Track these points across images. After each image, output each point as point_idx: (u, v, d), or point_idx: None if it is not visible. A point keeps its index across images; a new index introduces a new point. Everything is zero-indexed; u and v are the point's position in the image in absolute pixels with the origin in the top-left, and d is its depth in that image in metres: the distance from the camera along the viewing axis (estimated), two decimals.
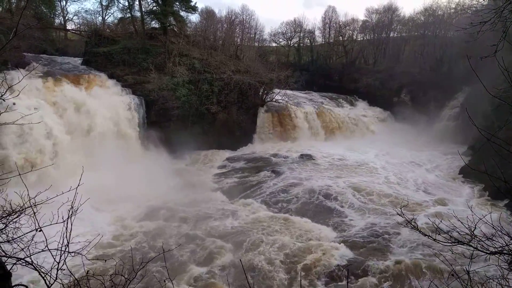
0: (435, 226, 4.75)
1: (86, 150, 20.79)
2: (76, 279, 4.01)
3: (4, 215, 3.77)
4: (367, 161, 27.28)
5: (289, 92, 36.17)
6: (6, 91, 5.12)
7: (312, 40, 52.70)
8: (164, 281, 4.49)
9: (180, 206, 17.54)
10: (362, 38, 51.06)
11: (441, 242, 4.45)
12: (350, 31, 50.78)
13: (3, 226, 3.77)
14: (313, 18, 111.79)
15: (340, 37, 50.61)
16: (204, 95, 28.82)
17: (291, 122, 34.13)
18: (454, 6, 42.40)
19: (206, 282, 11.77)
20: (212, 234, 14.98)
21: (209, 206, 17.88)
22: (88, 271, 4.41)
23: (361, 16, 77.39)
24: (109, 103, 23.89)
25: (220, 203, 18.46)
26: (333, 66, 49.99)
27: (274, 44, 54.12)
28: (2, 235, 3.85)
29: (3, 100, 5.12)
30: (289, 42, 53.04)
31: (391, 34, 48.55)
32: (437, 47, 42.08)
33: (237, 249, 13.90)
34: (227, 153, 28.68)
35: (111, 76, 26.71)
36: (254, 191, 20.80)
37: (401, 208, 6.53)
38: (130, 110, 24.91)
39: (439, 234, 4.53)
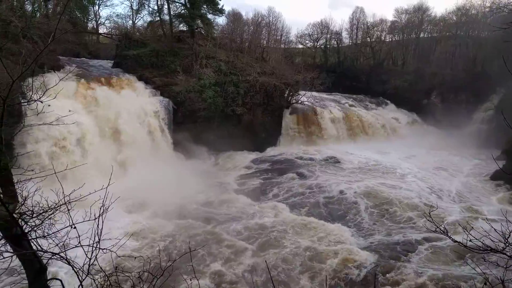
0: (466, 232, 4.59)
1: (115, 150, 21.44)
2: (106, 275, 4.15)
3: (40, 212, 3.95)
4: (394, 164, 26.67)
5: (315, 94, 35.92)
6: (44, 93, 5.38)
7: (339, 42, 52.12)
8: (190, 280, 4.55)
9: (204, 206, 17.76)
10: (390, 39, 50.03)
11: (473, 250, 4.30)
12: (378, 32, 49.90)
13: (40, 222, 3.95)
14: (340, 19, 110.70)
15: (368, 38, 49.80)
16: (230, 97, 29.07)
17: (316, 124, 33.86)
18: (489, 5, 40.84)
19: (229, 282, 11.85)
20: (236, 235, 15.07)
21: (233, 207, 18.01)
22: (117, 267, 4.56)
23: (389, 16, 75.89)
24: (138, 105, 24.54)
25: (243, 205, 18.54)
26: (360, 68, 49.24)
27: (300, 46, 53.93)
28: (38, 231, 4.04)
29: (41, 102, 5.38)
30: (316, 43, 52.68)
31: (421, 35, 47.30)
32: (470, 47, 40.64)
33: (260, 250, 13.92)
34: (252, 155, 28.76)
35: (140, 78, 27.45)
36: (278, 193, 20.75)
37: (429, 213, 6.36)
38: (158, 111, 25.48)
39: (470, 241, 4.37)
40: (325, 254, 13.68)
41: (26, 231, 3.80)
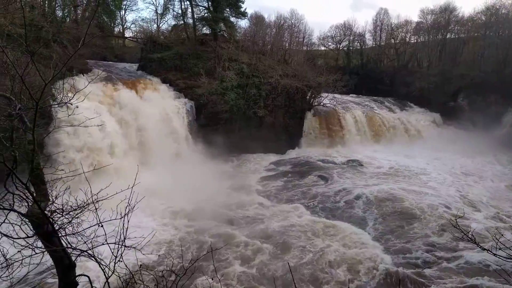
0: (496, 240, 4.45)
1: (139, 150, 21.91)
2: (131, 272, 4.26)
3: (70, 210, 4.10)
4: (418, 168, 26.06)
5: (337, 96, 35.63)
6: (73, 96, 5.59)
7: (362, 43, 51.46)
8: (212, 279, 4.62)
9: (226, 207, 17.88)
10: (415, 40, 48.98)
11: (503, 258, 4.16)
12: (403, 33, 48.94)
13: (69, 220, 4.10)
14: (363, 21, 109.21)
15: (392, 39, 48.93)
16: (251, 99, 29.20)
17: (339, 126, 33.53)
18: None
19: (250, 283, 11.88)
20: (256, 236, 15.07)
21: (254, 209, 18.04)
22: (141, 265, 4.67)
23: (414, 17, 74.27)
24: (161, 107, 25.02)
25: (265, 206, 18.55)
26: (384, 70, 48.43)
27: (322, 48, 53.60)
28: (67, 229, 4.19)
29: (71, 104, 5.58)
30: (338, 45, 52.23)
31: (448, 36, 46.05)
32: (500, 48, 39.23)
33: (281, 252, 13.89)
34: (274, 157, 28.75)
35: (164, 81, 27.98)
36: (299, 195, 20.64)
37: (456, 219, 6.19)
38: (181, 113, 25.91)
39: (500, 249, 4.23)
40: (345, 257, 13.51)
41: (56, 228, 3.96)
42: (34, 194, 3.80)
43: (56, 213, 4.01)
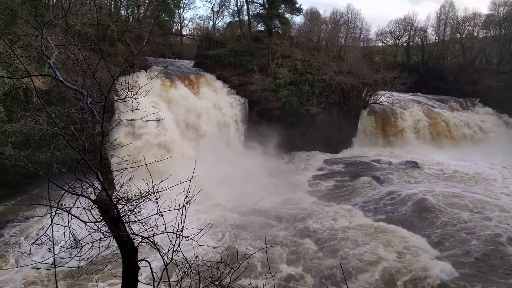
0: None
1: (193, 144, 22.65)
2: (187, 261, 4.41)
3: (134, 199, 4.34)
4: (483, 173, 24.24)
5: (395, 94, 34.00)
6: (137, 91, 5.88)
7: (423, 39, 48.63)
8: (265, 275, 4.65)
9: (276, 204, 17.91)
10: (484, 35, 45.38)
11: None
12: (470, 27, 45.50)
13: (132, 208, 4.34)
14: (425, 15, 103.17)
15: (458, 34, 45.72)
16: (304, 96, 28.88)
17: (395, 126, 32.11)
18: None
19: (298, 282, 11.81)
20: (305, 235, 14.96)
21: (304, 208, 17.85)
22: (197, 256, 4.81)
23: (484, 10, 68.81)
24: (215, 103, 25.66)
25: (315, 206, 18.29)
26: (447, 66, 45.42)
27: (380, 44, 51.46)
28: (130, 216, 4.44)
29: (135, 98, 5.88)
30: (397, 41, 49.83)
31: None
32: None
33: (330, 253, 13.64)
34: (325, 156, 28.24)
35: (218, 78, 28.60)
36: (351, 196, 20.13)
37: None
38: (234, 109, 26.36)
39: None
40: (400, 263, 12.95)
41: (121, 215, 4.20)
42: (102, 182, 4.06)
43: (121, 201, 4.26)
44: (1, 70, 13.06)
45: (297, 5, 33.12)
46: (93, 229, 4.11)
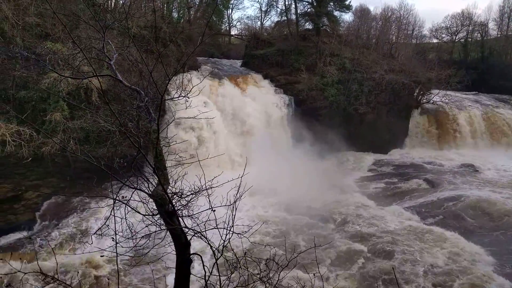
0: None
1: (241, 143, 23.00)
2: (237, 257, 4.51)
3: (188, 194, 4.51)
4: None
5: (450, 93, 32.08)
6: (191, 90, 6.07)
7: (483, 34, 45.43)
8: (314, 275, 4.63)
9: (323, 205, 17.66)
10: None
11: None
12: None
13: (185, 203, 4.51)
14: (486, 7, 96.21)
15: None
16: (353, 95, 28.18)
17: (450, 127, 30.31)
18: None
19: (347, 283, 11.60)
20: (353, 237, 14.64)
21: (352, 209, 17.44)
22: (246, 252, 4.90)
23: None
24: (262, 102, 25.83)
25: (363, 207, 17.80)
26: (511, 63, 42.10)
27: (435, 40, 48.89)
28: (183, 211, 4.62)
29: (188, 97, 6.08)
30: (454, 37, 46.98)
31: None
32: None
33: (379, 257, 13.24)
34: (375, 157, 27.33)
35: (265, 77, 28.75)
36: (402, 199, 19.37)
37: None
38: (281, 109, 26.35)
39: None
40: (454, 271, 12.28)
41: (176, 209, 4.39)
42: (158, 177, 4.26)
43: (176, 196, 4.44)
44: (66, 71, 14.10)
45: (346, 2, 32.42)
46: (150, 221, 4.33)
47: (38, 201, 15.22)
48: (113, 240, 3.86)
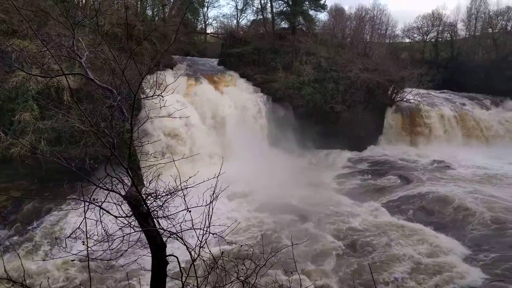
0: None
1: (217, 142, 22.85)
2: (214, 258, 4.46)
3: (163, 195, 4.41)
4: None
5: (422, 91, 33.01)
6: (165, 89, 5.96)
7: (453, 34, 46.97)
8: (291, 273, 4.64)
9: (301, 203, 17.80)
10: None
11: None
12: (504, 22, 43.62)
13: (161, 204, 4.42)
14: (454, 9, 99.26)
15: (490, 29, 43.97)
16: (329, 94, 28.52)
17: (423, 124, 31.21)
18: None
19: (323, 281, 11.73)
20: (330, 234, 14.83)
21: (330, 206, 17.66)
22: (223, 252, 4.86)
23: None
24: (239, 100, 25.74)
25: (341, 205, 18.07)
26: (479, 63, 43.57)
27: (407, 40, 50.13)
28: (159, 212, 4.52)
29: (162, 96, 5.96)
30: (425, 37, 48.37)
31: None
32: None
33: (357, 252, 13.48)
34: (350, 154, 27.83)
35: (242, 76, 28.68)
36: (377, 195, 19.76)
37: None
38: (257, 108, 26.35)
39: None
40: (427, 264, 12.68)
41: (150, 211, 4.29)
42: (132, 178, 4.15)
43: (150, 197, 4.34)
44: (35, 70, 13.56)
45: (321, 2, 32.75)
46: (124, 223, 4.21)
47: (7, 204, 14.63)
48: (83, 244, 3.73)
